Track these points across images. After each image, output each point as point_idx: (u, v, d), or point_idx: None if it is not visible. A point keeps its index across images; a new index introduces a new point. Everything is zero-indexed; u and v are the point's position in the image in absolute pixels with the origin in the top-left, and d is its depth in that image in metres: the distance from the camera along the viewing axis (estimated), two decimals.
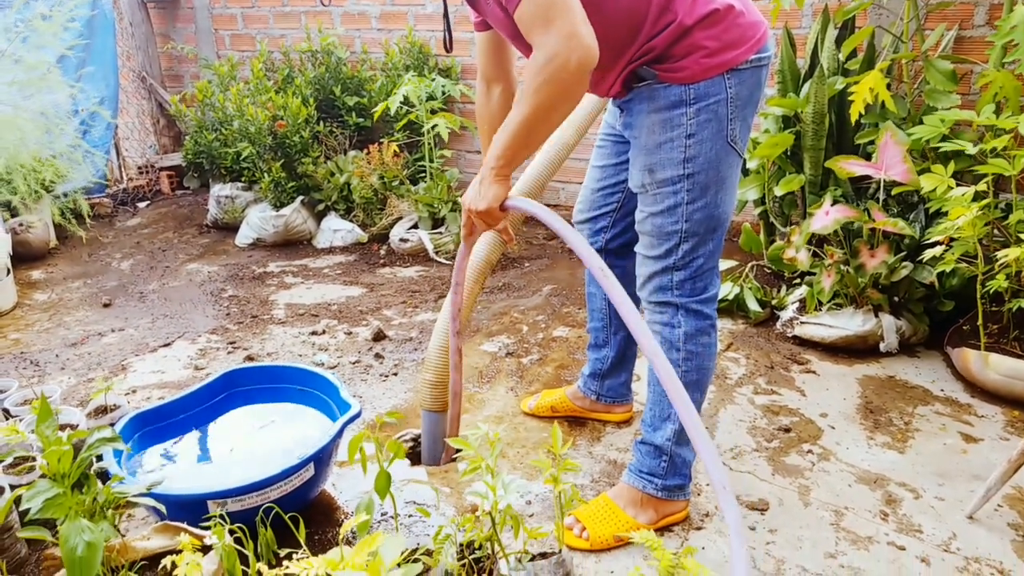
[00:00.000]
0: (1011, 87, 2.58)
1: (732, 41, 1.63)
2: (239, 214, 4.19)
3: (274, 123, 4.02)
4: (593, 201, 2.08)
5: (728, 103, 1.65)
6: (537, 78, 1.47)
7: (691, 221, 1.71)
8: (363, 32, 4.62)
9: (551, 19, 1.45)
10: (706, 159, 1.66)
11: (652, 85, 1.66)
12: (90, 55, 4.66)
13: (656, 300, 1.79)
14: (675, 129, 1.65)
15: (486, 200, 1.63)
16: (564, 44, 1.44)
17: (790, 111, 3.04)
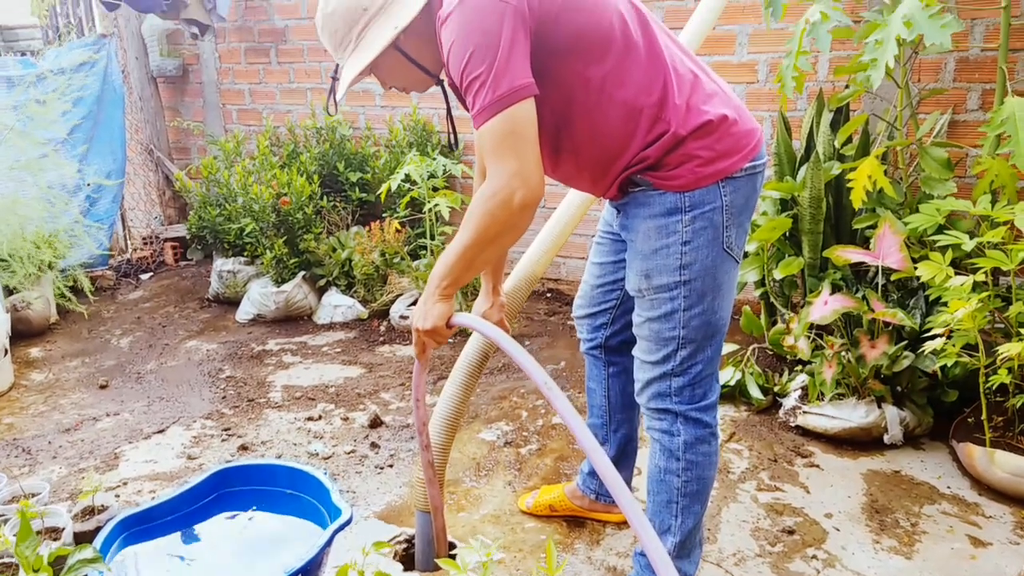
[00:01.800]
0: (1006, 174, 2.59)
1: (726, 150, 1.64)
2: (240, 288, 4.20)
3: (278, 200, 4.06)
4: (593, 298, 2.08)
5: (724, 211, 1.65)
6: (480, 208, 1.50)
7: (688, 328, 1.69)
8: (367, 109, 4.69)
9: (504, 153, 1.46)
10: (702, 266, 1.65)
11: (648, 191, 1.67)
12: (99, 128, 4.73)
13: (655, 407, 1.76)
14: (671, 236, 1.65)
15: (432, 319, 1.63)
16: (510, 181, 1.46)
17: (787, 194, 3.05)
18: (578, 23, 1.53)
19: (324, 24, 1.64)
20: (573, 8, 1.53)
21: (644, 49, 1.60)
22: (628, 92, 1.59)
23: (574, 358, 3.44)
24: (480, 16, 1.45)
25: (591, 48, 1.55)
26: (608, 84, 1.57)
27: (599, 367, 2.13)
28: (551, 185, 1.81)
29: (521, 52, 1.46)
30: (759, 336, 3.28)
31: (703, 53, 3.65)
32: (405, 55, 1.62)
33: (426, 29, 1.59)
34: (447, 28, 1.49)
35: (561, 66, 1.54)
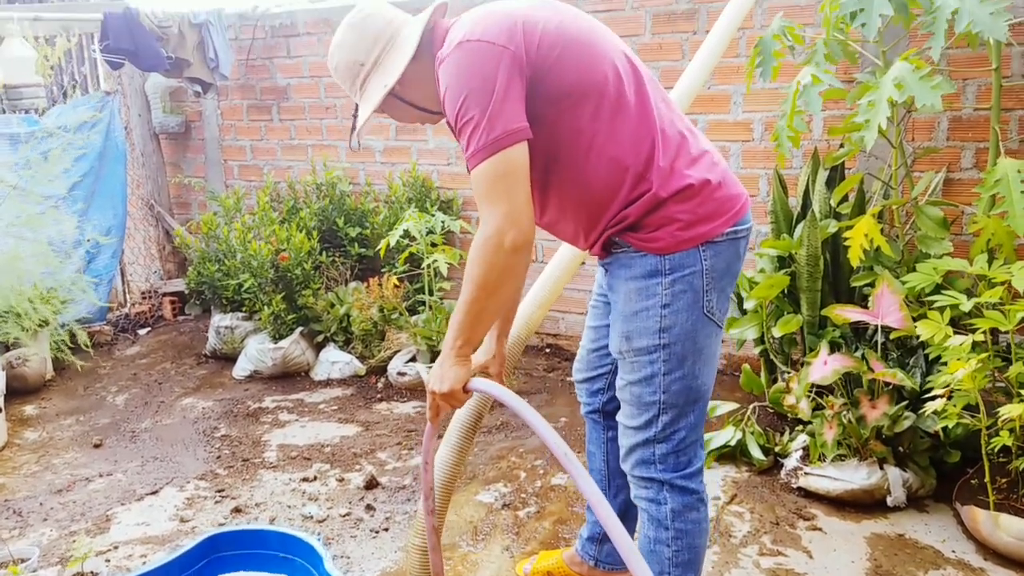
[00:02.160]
0: (1003, 233, 2.60)
1: (707, 215, 1.65)
2: (238, 344, 4.18)
3: (277, 256, 4.07)
4: (589, 362, 2.07)
5: (704, 275, 1.65)
6: (474, 255, 1.53)
7: (669, 392, 1.68)
8: (367, 165, 4.73)
9: (495, 196, 1.50)
10: (682, 329, 1.65)
11: (629, 253, 1.68)
12: (100, 184, 4.76)
13: (640, 475, 1.74)
14: (651, 298, 1.66)
15: (448, 382, 1.62)
16: (500, 223, 1.49)
17: (784, 252, 3.06)
18: (573, 75, 1.57)
19: (335, 75, 1.74)
20: (570, 59, 1.57)
21: (635, 107, 1.62)
22: (615, 149, 1.61)
23: (574, 416, 3.40)
24: (477, 60, 1.50)
25: (584, 100, 1.58)
26: (597, 138, 1.60)
27: (598, 431, 2.11)
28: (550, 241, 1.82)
29: (516, 97, 1.51)
30: (759, 394, 3.25)
31: (698, 112, 3.70)
32: (404, 101, 1.70)
33: (424, 72, 1.65)
34: (444, 69, 1.54)
35: (554, 114, 1.58)
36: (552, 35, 1.57)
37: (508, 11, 1.59)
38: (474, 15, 1.60)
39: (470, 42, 1.52)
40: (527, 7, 1.61)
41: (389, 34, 1.67)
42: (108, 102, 4.76)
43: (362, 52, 1.67)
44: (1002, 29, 2.43)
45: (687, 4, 3.67)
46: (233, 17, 4.97)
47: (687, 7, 3.68)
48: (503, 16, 1.57)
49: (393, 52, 1.66)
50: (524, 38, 1.54)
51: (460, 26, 1.59)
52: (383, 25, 1.68)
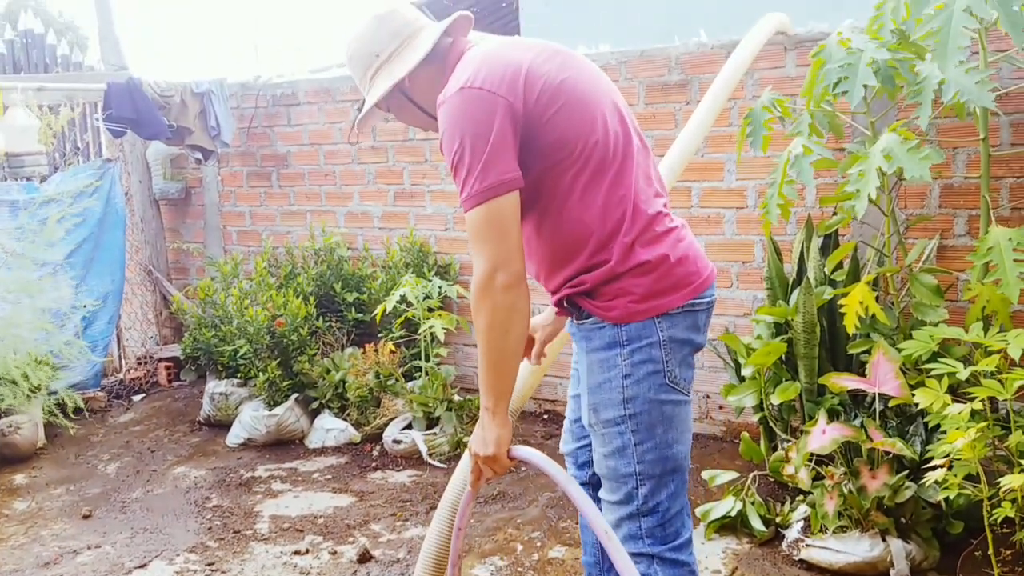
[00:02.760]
0: (997, 300, 2.60)
1: (663, 289, 1.67)
2: (232, 411, 4.15)
3: (273, 322, 4.07)
4: (572, 432, 2.05)
5: (661, 345, 1.68)
6: (473, 303, 1.59)
7: (644, 463, 1.69)
8: (365, 230, 4.77)
9: (485, 240, 1.56)
10: (645, 399, 1.67)
11: (589, 325, 1.71)
12: (99, 250, 4.79)
13: (629, 551, 1.71)
14: (612, 370, 1.68)
15: (493, 445, 1.63)
16: (488, 265, 1.55)
17: (781, 319, 3.06)
18: (565, 134, 1.62)
19: (349, 66, 1.80)
20: (564, 119, 1.61)
21: (614, 178, 1.65)
22: (585, 213, 1.65)
23: None
24: (475, 106, 1.55)
25: (569, 160, 1.62)
26: (572, 197, 1.64)
27: None
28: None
29: (509, 146, 1.56)
30: (759, 463, 3.21)
31: (692, 179, 3.75)
32: (410, 99, 1.75)
33: (433, 77, 1.71)
34: (444, 112, 1.59)
35: (538, 166, 1.62)
36: (552, 91, 1.61)
37: (514, 60, 1.62)
38: (481, 57, 1.64)
39: (471, 89, 1.57)
40: (534, 56, 1.65)
41: (408, 33, 1.74)
42: (109, 169, 4.82)
43: (379, 44, 1.73)
44: (989, 98, 2.48)
45: (679, 75, 3.75)
46: (235, 86, 5.07)
47: (679, 78, 3.76)
48: (507, 64, 1.61)
49: (408, 50, 1.72)
50: (524, 90, 1.59)
51: (465, 66, 1.63)
52: (404, 23, 1.75)
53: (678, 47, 3.77)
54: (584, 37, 4.69)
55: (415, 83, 1.73)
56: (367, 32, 1.75)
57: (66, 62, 6.48)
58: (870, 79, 2.54)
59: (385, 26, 1.74)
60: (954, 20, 2.32)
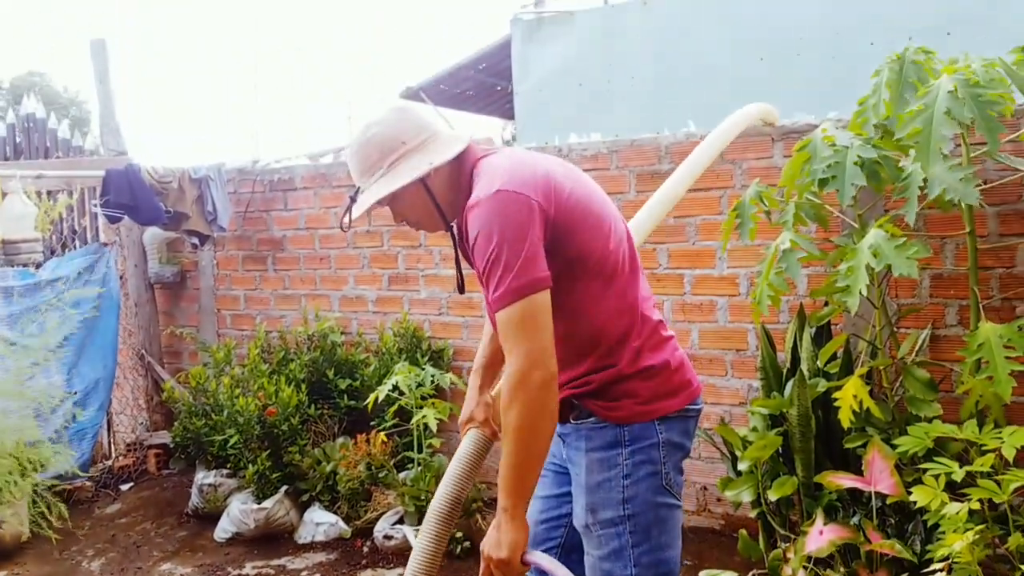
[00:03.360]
0: (990, 395, 2.58)
1: (664, 393, 1.77)
2: (221, 503, 4.07)
3: (264, 411, 4.02)
4: (536, 535, 2.00)
5: (660, 447, 1.74)
6: (507, 400, 1.58)
7: (640, 566, 1.70)
8: (359, 314, 4.76)
9: (520, 337, 1.58)
10: (644, 500, 1.71)
11: (588, 424, 1.76)
12: (92, 335, 4.77)
13: None
14: (613, 469, 1.72)
15: (506, 548, 1.61)
16: (524, 362, 1.56)
17: (775, 411, 3.03)
18: (583, 241, 1.69)
19: (359, 149, 1.75)
20: (584, 229, 1.69)
21: (623, 285, 1.75)
22: (598, 319, 1.73)
23: None
24: (513, 208, 1.59)
25: (585, 265, 1.69)
26: (586, 302, 1.72)
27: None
28: None
29: (541, 247, 1.61)
30: (758, 560, 3.14)
31: (684, 267, 3.77)
32: (429, 192, 1.74)
33: (452, 175, 1.74)
34: (476, 214, 1.61)
35: (558, 271, 1.66)
36: (573, 201, 1.69)
37: (542, 168, 1.70)
38: (507, 164, 1.69)
39: (507, 192, 1.61)
40: (551, 168, 1.72)
41: (433, 128, 1.77)
42: (104, 254, 4.84)
43: (407, 132, 1.73)
44: (974, 195, 2.51)
45: (669, 164, 3.80)
46: (233, 172, 5.13)
47: (669, 167, 3.80)
48: (537, 172, 1.67)
49: (437, 143, 1.74)
50: (554, 197, 1.65)
51: (494, 171, 1.67)
52: (428, 118, 1.79)
53: (667, 137, 3.83)
54: (575, 125, 4.79)
55: (435, 177, 1.74)
56: (392, 120, 1.75)
57: (66, 145, 6.59)
58: (859, 178, 2.58)
59: (410, 117, 1.76)
60: (935, 123, 2.37)
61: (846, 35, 4.74)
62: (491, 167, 1.69)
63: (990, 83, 2.30)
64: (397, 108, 1.79)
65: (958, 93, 2.33)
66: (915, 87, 2.54)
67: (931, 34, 4.40)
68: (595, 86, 5.53)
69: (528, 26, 5.89)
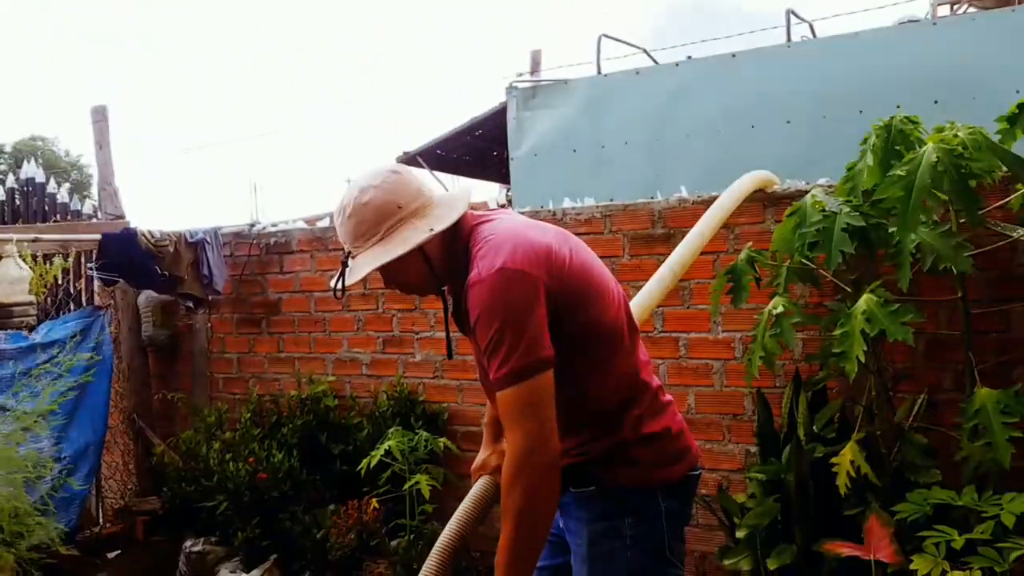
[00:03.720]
0: (989, 460, 2.56)
1: (666, 460, 1.76)
2: (209, 571, 3.98)
3: (254, 476, 3.96)
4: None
5: (663, 516, 1.73)
6: (508, 483, 1.56)
7: None
8: (353, 378, 4.73)
9: (522, 419, 1.55)
10: (646, 570, 1.70)
11: (589, 493, 1.74)
12: (84, 399, 4.71)
13: None
14: (616, 539, 1.70)
15: None
16: (527, 446, 1.54)
17: (773, 476, 3.00)
18: (585, 312, 1.68)
19: (354, 214, 1.69)
20: (585, 298, 1.69)
21: (624, 353, 1.75)
22: (599, 388, 1.72)
23: None
24: (515, 288, 1.57)
25: (588, 337, 1.69)
26: (588, 372, 1.71)
27: None
28: None
29: (545, 324, 1.59)
30: None
31: (679, 330, 3.76)
32: (425, 258, 1.71)
33: (448, 240, 1.71)
34: (478, 293, 1.59)
35: (559, 341, 1.64)
36: (574, 273, 1.69)
37: (542, 241, 1.68)
38: (511, 237, 1.65)
39: (510, 270, 1.59)
40: (550, 239, 1.70)
41: (429, 194, 1.75)
42: (98, 317, 4.83)
43: (404, 197, 1.69)
44: (967, 262, 2.53)
45: (662, 229, 3.83)
46: (229, 235, 5.16)
47: (663, 231, 3.84)
48: (537, 246, 1.65)
49: (436, 207, 1.71)
50: (556, 270, 1.64)
51: (497, 245, 1.64)
52: (424, 183, 1.77)
53: (660, 202, 3.88)
54: (570, 189, 4.85)
55: (431, 243, 1.70)
56: (388, 184, 1.69)
57: (65, 209, 6.65)
58: (846, 245, 2.60)
59: (406, 180, 1.72)
60: (916, 191, 2.39)
61: (835, 102, 4.84)
62: (491, 238, 1.66)
63: (974, 154, 2.34)
64: (392, 170, 1.74)
65: (940, 165, 2.36)
66: (901, 155, 2.58)
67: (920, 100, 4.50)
68: (589, 151, 5.62)
69: (523, 94, 6.01)
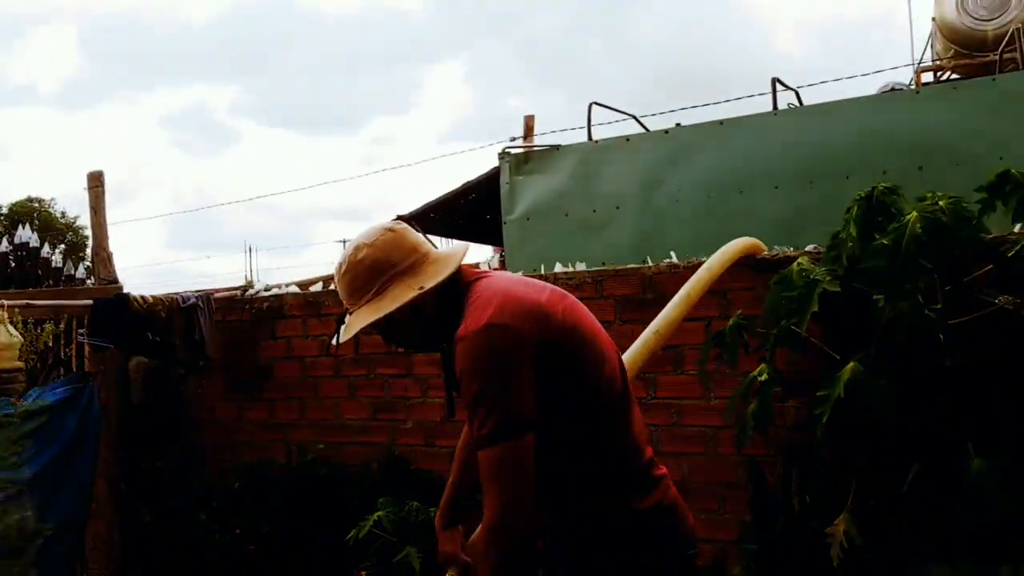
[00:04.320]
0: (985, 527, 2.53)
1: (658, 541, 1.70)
2: None
3: (241, 547, 3.89)
4: None
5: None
6: (484, 549, 1.55)
7: None
8: (345, 445, 4.66)
9: (500, 481, 1.53)
10: None
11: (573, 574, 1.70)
12: (70, 468, 4.62)
13: None
14: None
15: None
16: (503, 512, 1.52)
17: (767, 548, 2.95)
18: (579, 373, 1.65)
19: (348, 271, 1.72)
20: (577, 359, 1.65)
21: (616, 422, 1.70)
22: (585, 461, 1.67)
23: None
24: (499, 344, 1.56)
25: (577, 399, 1.65)
26: (576, 438, 1.66)
27: None
28: None
29: (530, 385, 1.56)
30: None
31: (671, 396, 3.75)
32: (419, 315, 1.71)
33: (444, 297, 1.70)
34: (463, 348, 1.58)
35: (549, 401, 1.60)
36: (567, 334, 1.65)
37: (532, 298, 1.66)
38: (501, 294, 1.65)
39: (496, 326, 1.57)
40: (546, 298, 1.69)
41: (424, 251, 1.75)
42: (88, 384, 4.78)
43: (398, 255, 1.71)
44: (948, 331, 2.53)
45: (653, 293, 3.84)
46: (222, 301, 5.16)
47: (653, 296, 3.85)
48: (528, 304, 1.64)
49: (429, 264, 1.71)
50: (548, 330, 1.62)
51: (486, 300, 1.63)
52: (418, 240, 1.77)
53: (651, 268, 3.90)
54: (562, 253, 4.89)
55: (426, 300, 1.70)
56: (381, 242, 1.72)
57: (59, 274, 6.66)
58: (814, 306, 2.62)
59: (402, 239, 1.73)
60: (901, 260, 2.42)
61: (822, 168, 4.91)
62: (483, 294, 1.66)
63: (956, 224, 2.37)
64: (388, 228, 1.75)
65: (924, 236, 2.39)
66: (882, 225, 2.61)
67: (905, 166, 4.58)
68: (581, 216, 5.67)
69: (516, 159, 6.10)
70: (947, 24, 7.75)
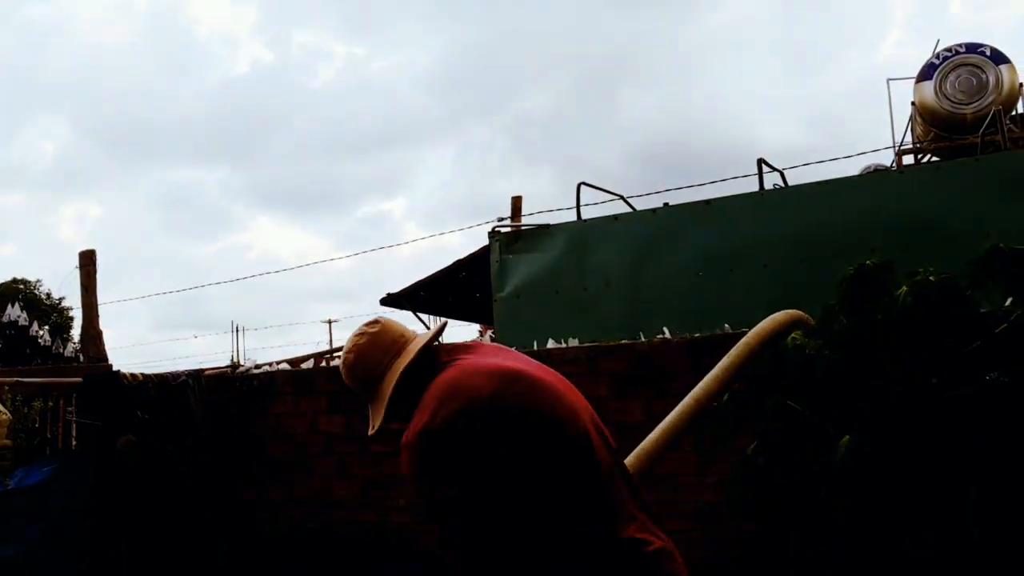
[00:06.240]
0: None
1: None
2: None
3: None
4: None
5: None
6: None
7: None
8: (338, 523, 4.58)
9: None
10: None
11: None
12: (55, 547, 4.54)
13: None
14: None
15: None
16: None
17: None
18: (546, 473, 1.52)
19: (346, 376, 1.84)
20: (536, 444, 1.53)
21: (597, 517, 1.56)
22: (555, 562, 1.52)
23: None
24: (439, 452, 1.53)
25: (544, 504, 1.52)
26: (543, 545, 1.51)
27: None
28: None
29: (474, 487, 1.51)
30: None
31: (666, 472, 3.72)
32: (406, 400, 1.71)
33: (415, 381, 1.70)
34: (404, 457, 1.58)
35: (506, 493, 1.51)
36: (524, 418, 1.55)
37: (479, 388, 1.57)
38: (452, 383, 1.61)
39: (432, 432, 1.53)
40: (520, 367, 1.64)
41: (403, 341, 1.79)
42: (74, 463, 4.71)
43: (380, 350, 1.78)
44: None
45: (646, 369, 3.86)
46: (213, 379, 5.13)
47: (646, 371, 3.87)
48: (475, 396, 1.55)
49: (409, 354, 1.75)
50: (491, 421, 1.52)
51: (432, 399, 1.58)
52: (398, 332, 1.82)
53: (643, 343, 3.93)
54: (553, 330, 4.91)
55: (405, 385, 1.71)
56: (360, 344, 1.80)
57: (47, 351, 6.62)
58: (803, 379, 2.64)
59: (383, 336, 1.79)
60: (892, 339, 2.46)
61: (810, 246, 4.99)
62: (436, 383, 1.64)
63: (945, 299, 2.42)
64: (366, 329, 1.83)
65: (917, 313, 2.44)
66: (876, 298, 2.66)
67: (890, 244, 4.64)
68: (571, 293, 5.73)
69: (506, 238, 6.18)
70: (927, 107, 8.04)
